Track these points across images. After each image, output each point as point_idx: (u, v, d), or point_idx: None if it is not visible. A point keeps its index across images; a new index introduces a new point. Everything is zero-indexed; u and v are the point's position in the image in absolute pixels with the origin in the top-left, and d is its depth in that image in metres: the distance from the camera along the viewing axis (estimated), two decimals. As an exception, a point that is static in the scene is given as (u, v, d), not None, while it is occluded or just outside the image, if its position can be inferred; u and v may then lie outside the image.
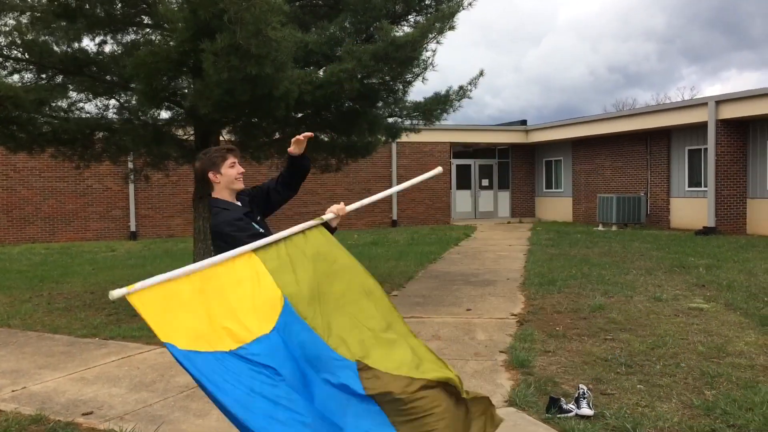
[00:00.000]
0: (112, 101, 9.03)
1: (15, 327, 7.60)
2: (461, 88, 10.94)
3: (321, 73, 7.87)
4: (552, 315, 7.59)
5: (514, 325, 7.14)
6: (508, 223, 24.83)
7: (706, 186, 18.53)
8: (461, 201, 25.95)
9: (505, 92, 79.64)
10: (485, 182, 26.41)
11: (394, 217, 23.58)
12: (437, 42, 8.19)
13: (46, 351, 6.45)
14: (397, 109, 10.80)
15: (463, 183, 26.02)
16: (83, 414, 4.63)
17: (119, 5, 8.18)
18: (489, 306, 8.32)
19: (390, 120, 11.07)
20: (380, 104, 9.05)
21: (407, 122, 11.09)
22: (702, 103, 18.41)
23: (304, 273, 3.01)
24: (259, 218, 3.46)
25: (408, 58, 7.81)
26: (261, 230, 3.33)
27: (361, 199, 3.52)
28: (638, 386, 4.99)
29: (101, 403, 4.86)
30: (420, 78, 8.54)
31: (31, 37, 8.51)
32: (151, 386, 5.26)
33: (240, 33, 6.75)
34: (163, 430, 4.28)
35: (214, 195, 3.36)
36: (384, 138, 11.12)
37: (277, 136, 9.86)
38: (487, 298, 8.91)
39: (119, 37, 8.61)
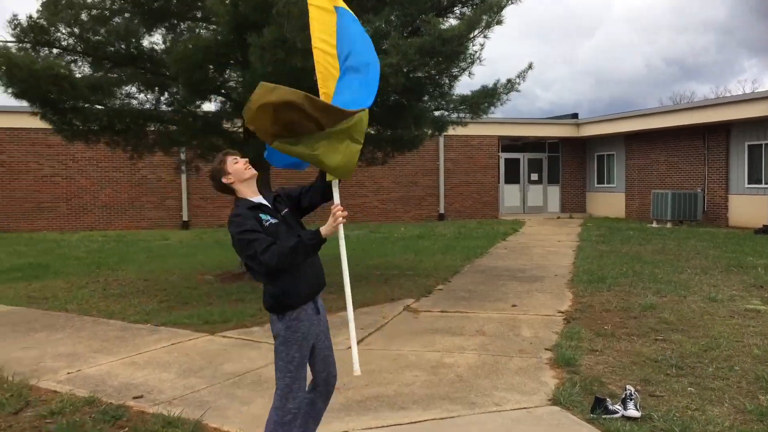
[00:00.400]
0: (165, 94, 9.21)
1: (72, 312, 7.84)
2: (509, 81, 10.81)
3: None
4: (600, 313, 7.44)
5: (561, 323, 7.02)
6: (558, 218, 24.45)
7: (767, 183, 17.86)
8: (509, 195, 25.66)
9: (557, 85, 78.39)
10: (534, 176, 26.05)
11: (442, 211, 23.47)
12: (484, 36, 8.09)
13: (101, 335, 6.63)
14: (443, 103, 10.74)
15: (512, 177, 25.71)
16: (134, 397, 4.75)
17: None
18: (535, 302, 8.20)
19: (436, 113, 11.00)
20: (426, 98, 8.97)
21: (454, 115, 11.00)
22: (764, 97, 17.74)
23: None
24: (286, 211, 3.44)
25: (454, 52, 7.73)
26: (274, 220, 3.29)
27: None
28: (689, 389, 4.84)
29: (151, 388, 4.98)
30: (466, 72, 8.45)
31: (91, 33, 8.79)
32: (199, 372, 5.36)
33: (287, 27, 6.78)
34: (209, 416, 4.35)
35: (238, 196, 3.38)
36: (431, 131, 11.05)
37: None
38: (533, 294, 8.79)
39: (175, 31, 8.75)
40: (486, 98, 10.83)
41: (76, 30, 8.76)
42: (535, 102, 69.36)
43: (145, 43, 9.20)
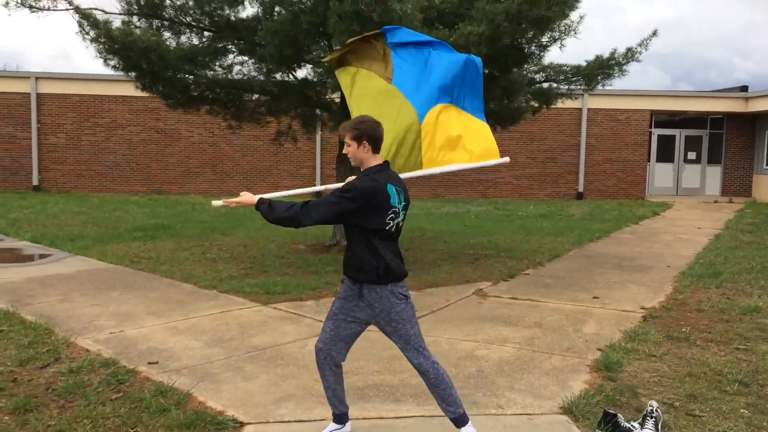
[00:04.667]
0: (257, 63, 9.38)
1: (159, 273, 8.30)
2: (629, 50, 9.90)
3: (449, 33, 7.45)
4: (689, 313, 6.60)
5: (636, 321, 6.32)
6: (715, 202, 22.23)
7: None
8: (661, 175, 23.69)
9: (759, 53, 69.98)
10: (692, 155, 23.81)
11: (580, 189, 22.20)
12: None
13: (166, 298, 6.96)
14: (552, 74, 10.04)
15: (665, 155, 23.69)
16: (149, 363, 4.90)
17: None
18: (622, 295, 7.46)
19: (544, 85, 10.32)
20: (515, 69, 8.36)
21: (563, 87, 10.26)
22: None
23: None
24: None
25: (542, 17, 7.09)
26: None
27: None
28: (741, 410, 4.13)
29: (172, 354, 5.11)
30: (558, 43, 7.77)
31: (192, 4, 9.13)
32: (226, 343, 5.43)
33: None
34: (201, 388, 4.38)
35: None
36: (536, 104, 10.38)
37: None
38: (627, 286, 8.01)
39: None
40: (601, 69, 10.00)
41: (178, 2, 9.16)
42: (733, 72, 62.76)
43: (243, 15, 9.40)
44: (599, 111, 21.92)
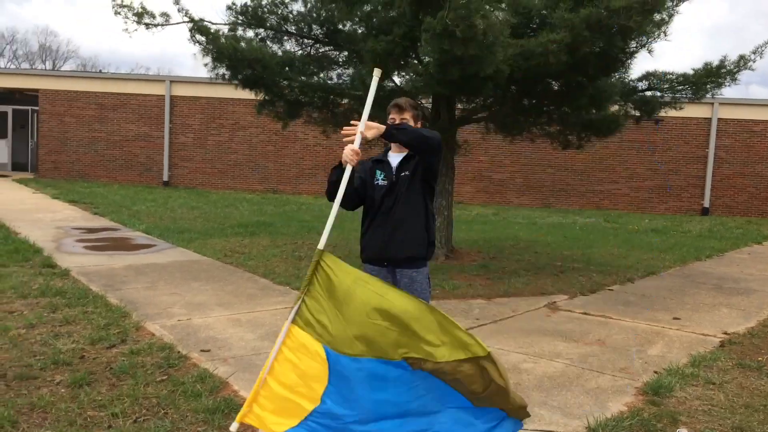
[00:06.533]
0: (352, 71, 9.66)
1: (245, 267, 8.72)
2: (741, 57, 9.27)
3: (527, 41, 7.32)
4: (775, 341, 6.08)
5: (712, 346, 5.90)
6: None
7: None
8: (801, 192, 21.70)
9: None
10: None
11: (706, 204, 20.79)
12: (668, 11, 7.01)
13: (240, 292, 7.32)
14: (655, 81, 9.59)
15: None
16: (201, 350, 5.21)
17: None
18: (708, 318, 6.98)
19: (647, 94, 9.85)
20: (601, 78, 8.03)
21: (668, 96, 9.74)
22: None
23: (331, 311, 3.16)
24: (404, 174, 3.58)
25: (623, 27, 6.79)
26: (383, 182, 3.64)
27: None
28: (792, 451, 3.79)
29: (224, 344, 5.39)
30: (646, 48, 7.41)
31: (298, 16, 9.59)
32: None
33: (448, 14, 6.63)
34: (237, 378, 4.61)
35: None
36: (638, 113, 9.93)
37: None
38: (718, 308, 7.48)
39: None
40: (710, 77, 9.44)
41: (282, 12, 9.62)
42: None
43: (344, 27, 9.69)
44: (730, 121, 20.46)
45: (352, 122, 3.36)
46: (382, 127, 3.32)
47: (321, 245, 3.28)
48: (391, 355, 2.99)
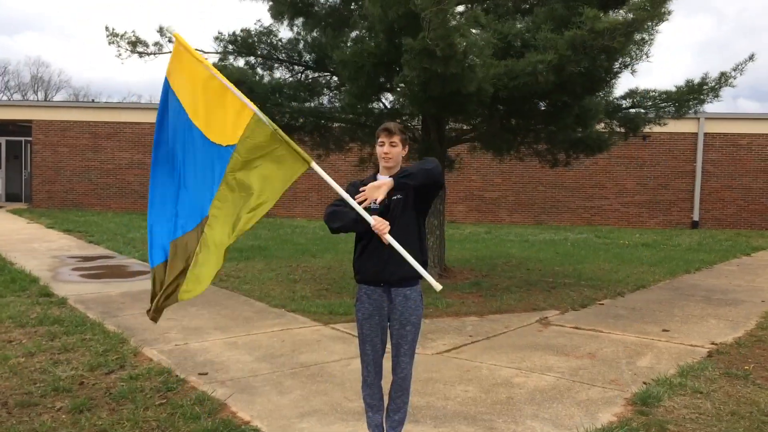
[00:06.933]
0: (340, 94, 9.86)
1: (240, 291, 8.82)
2: (722, 74, 9.52)
3: (513, 62, 7.52)
4: (760, 351, 6.21)
5: (700, 356, 6.03)
6: None
7: None
8: (789, 203, 21.97)
9: None
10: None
11: (695, 218, 21.03)
12: (648, 31, 7.24)
13: (236, 315, 7.41)
14: (639, 99, 9.83)
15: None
16: (199, 374, 5.30)
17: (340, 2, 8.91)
18: (696, 329, 7.12)
19: (632, 111, 10.08)
20: (586, 97, 8.24)
21: (651, 113, 9.97)
22: None
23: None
24: (396, 197, 3.55)
25: (606, 47, 7.00)
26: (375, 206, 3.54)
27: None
28: (776, 456, 3.90)
29: (222, 367, 5.49)
30: (629, 69, 7.64)
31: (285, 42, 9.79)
32: (275, 359, 5.74)
33: (429, 34, 6.81)
34: (236, 400, 4.70)
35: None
36: (623, 130, 10.14)
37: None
38: (706, 320, 7.62)
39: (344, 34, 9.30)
40: (692, 94, 9.68)
41: (272, 41, 9.83)
42: None
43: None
44: (717, 135, 20.78)
45: (360, 189, 3.49)
46: (390, 181, 3.46)
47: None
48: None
